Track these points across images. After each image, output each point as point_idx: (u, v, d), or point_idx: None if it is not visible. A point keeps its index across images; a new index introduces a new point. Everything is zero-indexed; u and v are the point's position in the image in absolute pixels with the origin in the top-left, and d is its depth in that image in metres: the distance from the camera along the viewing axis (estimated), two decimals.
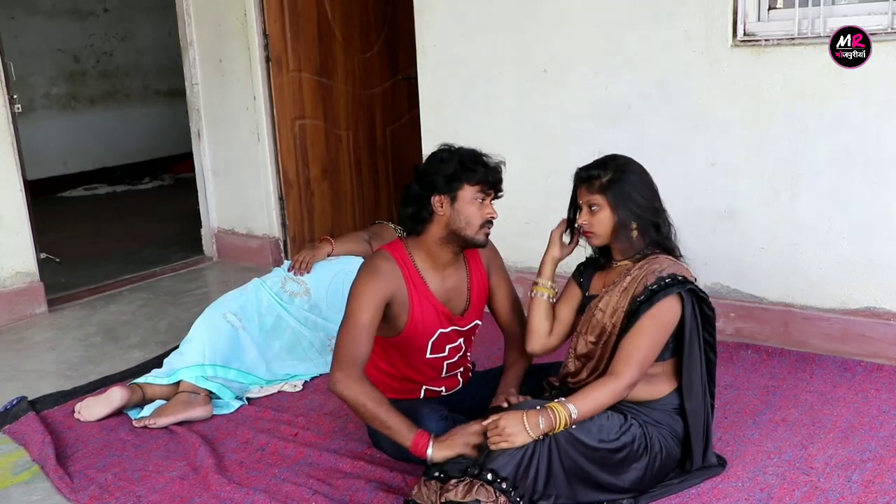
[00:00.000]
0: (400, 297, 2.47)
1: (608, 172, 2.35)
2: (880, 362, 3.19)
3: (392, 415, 2.29)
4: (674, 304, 2.27)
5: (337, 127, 5.22)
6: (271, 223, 5.11)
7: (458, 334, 2.61)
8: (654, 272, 2.29)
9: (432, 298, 2.52)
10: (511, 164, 4.02)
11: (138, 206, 7.51)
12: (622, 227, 2.34)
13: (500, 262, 2.72)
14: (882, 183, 3.16)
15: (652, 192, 2.39)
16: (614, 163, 2.38)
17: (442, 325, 2.55)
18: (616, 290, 2.35)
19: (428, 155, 2.54)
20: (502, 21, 3.90)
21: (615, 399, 2.25)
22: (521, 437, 2.13)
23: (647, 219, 2.35)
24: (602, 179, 2.34)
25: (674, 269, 2.30)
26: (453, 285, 2.58)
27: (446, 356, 2.61)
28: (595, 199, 2.35)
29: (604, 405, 2.23)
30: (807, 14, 3.20)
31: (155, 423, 2.96)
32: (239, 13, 4.85)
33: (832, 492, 2.37)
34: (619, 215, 2.33)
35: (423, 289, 2.51)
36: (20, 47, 7.26)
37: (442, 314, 2.54)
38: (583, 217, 2.40)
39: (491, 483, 2.07)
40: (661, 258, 2.34)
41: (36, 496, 2.61)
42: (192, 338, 3.18)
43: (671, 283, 2.26)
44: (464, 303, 2.61)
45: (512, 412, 2.20)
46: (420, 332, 2.52)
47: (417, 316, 2.50)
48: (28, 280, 4.38)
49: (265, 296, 3.35)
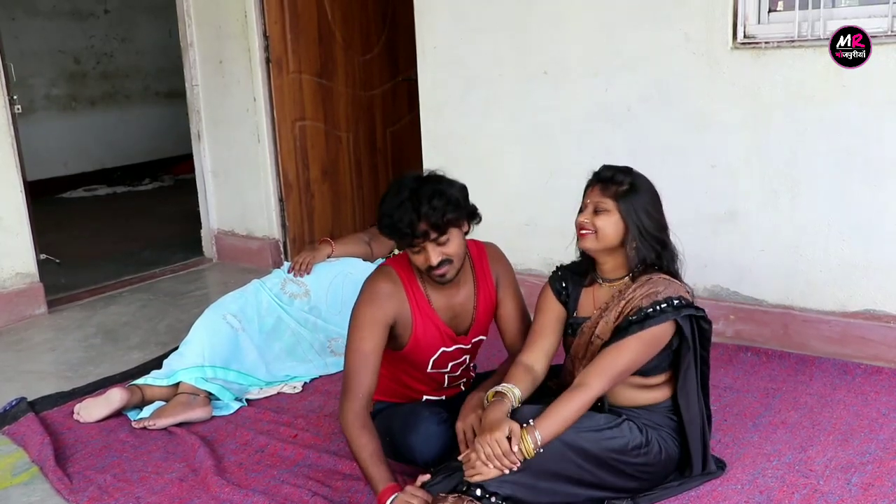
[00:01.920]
0: (403, 317, 2.42)
1: (628, 182, 2.30)
2: (880, 365, 3.19)
3: (374, 464, 2.25)
4: (666, 328, 2.23)
5: (337, 128, 5.22)
6: (271, 224, 5.11)
7: (462, 352, 2.57)
8: (650, 295, 2.24)
9: (435, 318, 2.47)
10: (511, 166, 4.06)
11: (138, 208, 7.51)
12: (626, 240, 2.28)
13: (512, 279, 2.62)
14: (882, 185, 3.16)
15: (659, 217, 2.33)
16: (635, 176, 2.33)
17: (445, 343, 2.50)
18: (612, 311, 2.29)
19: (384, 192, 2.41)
20: (502, 23, 3.90)
21: (583, 411, 2.16)
22: (493, 472, 2.07)
23: (648, 241, 2.29)
24: (621, 186, 2.29)
25: (670, 292, 2.24)
26: (460, 301, 2.52)
27: (448, 371, 2.59)
28: (606, 202, 2.29)
29: (571, 421, 2.14)
30: (807, 16, 3.20)
31: (154, 424, 2.96)
32: (239, 15, 4.85)
33: (832, 494, 2.37)
34: (628, 226, 2.28)
35: (426, 307, 2.46)
36: (21, 48, 7.27)
37: (445, 334, 2.49)
38: (584, 216, 2.33)
39: (480, 499, 2.06)
40: (655, 278, 2.28)
41: (35, 497, 2.61)
42: (192, 339, 3.18)
43: (666, 310, 2.21)
44: (469, 320, 2.54)
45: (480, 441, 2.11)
46: (422, 350, 2.48)
47: (420, 335, 2.46)
48: (28, 281, 4.38)
49: (265, 297, 3.35)
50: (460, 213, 2.32)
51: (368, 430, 2.30)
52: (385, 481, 2.22)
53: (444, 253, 2.31)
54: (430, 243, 2.29)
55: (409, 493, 2.16)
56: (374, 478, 2.24)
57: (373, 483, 2.25)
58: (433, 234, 2.28)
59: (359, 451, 2.28)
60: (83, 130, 8.35)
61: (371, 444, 2.28)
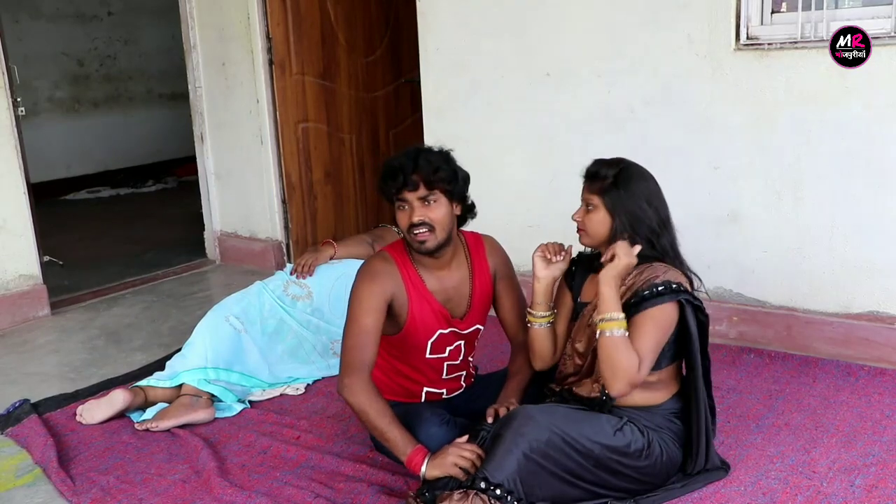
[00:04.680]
0: (399, 296, 2.48)
1: (612, 175, 2.30)
2: (883, 366, 3.19)
3: (393, 427, 2.31)
4: (671, 308, 2.24)
5: (340, 130, 5.22)
6: (274, 226, 5.11)
7: (458, 337, 2.60)
8: (648, 280, 2.25)
9: (430, 298, 2.52)
10: (513, 167, 4.06)
11: (141, 210, 7.51)
12: (616, 235, 2.29)
13: (510, 271, 2.68)
14: (885, 187, 3.15)
15: (655, 207, 2.31)
16: (621, 167, 2.32)
17: (441, 325, 2.54)
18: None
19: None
20: (505, 25, 3.90)
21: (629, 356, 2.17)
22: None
23: (643, 233, 2.28)
24: (604, 181, 2.30)
25: (668, 276, 2.25)
26: (453, 285, 2.57)
27: (447, 357, 2.61)
28: (593, 198, 2.32)
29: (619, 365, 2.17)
30: (810, 18, 3.20)
31: (157, 425, 2.96)
32: (242, 17, 4.86)
33: (835, 496, 2.36)
34: (614, 221, 2.29)
35: (422, 288, 2.51)
36: (24, 51, 7.27)
37: (440, 314, 2.54)
38: (577, 214, 2.37)
39: (484, 491, 2.07)
40: (655, 266, 2.29)
41: (38, 499, 2.61)
42: (194, 341, 3.18)
43: (663, 292, 2.22)
44: (465, 305, 2.59)
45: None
46: (420, 331, 2.52)
47: (416, 315, 2.50)
48: (31, 283, 4.39)
49: (267, 299, 3.35)
50: (454, 182, 2.42)
51: (381, 397, 2.35)
52: (413, 443, 2.28)
53: (427, 216, 2.39)
54: (417, 200, 2.38)
55: (458, 446, 2.22)
56: (399, 440, 2.29)
57: (399, 446, 2.29)
58: (421, 188, 2.36)
59: (377, 418, 2.31)
60: (86, 133, 8.36)
61: (388, 409, 2.33)
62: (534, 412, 2.22)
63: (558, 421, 2.20)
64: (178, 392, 3.10)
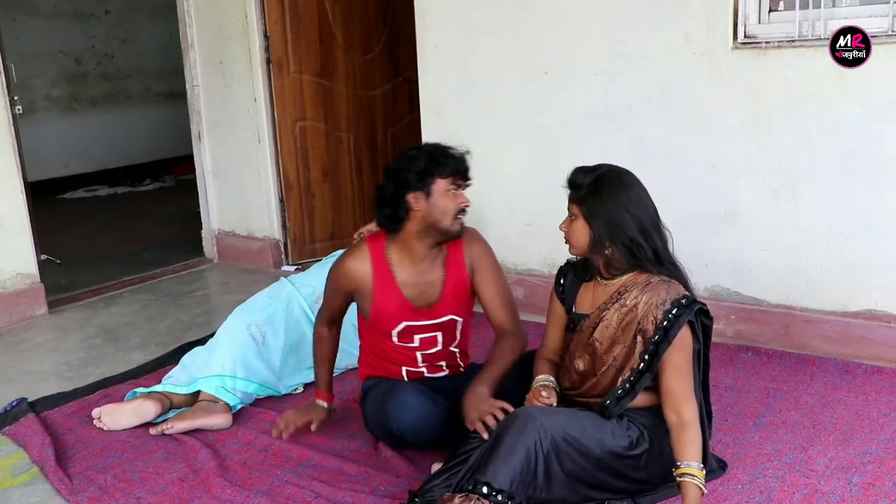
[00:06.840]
0: (364, 289, 2.62)
1: (589, 183, 2.25)
2: (880, 365, 3.19)
3: (321, 368, 2.78)
4: (687, 331, 2.23)
5: (338, 129, 5.22)
6: (272, 225, 5.11)
7: (430, 328, 2.62)
8: (657, 305, 2.21)
9: (396, 290, 2.58)
10: (511, 166, 4.06)
11: (139, 208, 7.51)
12: (596, 244, 2.26)
13: (489, 261, 2.66)
14: (882, 185, 3.16)
15: (634, 214, 2.23)
16: (598, 174, 2.26)
17: (405, 316, 2.60)
18: (612, 316, 2.28)
19: (396, 156, 2.60)
20: (503, 23, 3.90)
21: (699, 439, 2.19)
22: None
23: (622, 240, 2.24)
24: (581, 190, 2.27)
25: (673, 294, 2.22)
26: (428, 280, 2.61)
27: (417, 346, 2.65)
28: (573, 207, 2.29)
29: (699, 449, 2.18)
30: (807, 16, 3.20)
31: (171, 427, 2.92)
32: (240, 15, 4.86)
33: (832, 494, 2.37)
34: (592, 231, 2.25)
35: (389, 280, 2.59)
36: (22, 49, 7.26)
37: (404, 306, 2.59)
38: (564, 223, 2.34)
39: (486, 496, 2.06)
40: (654, 282, 2.25)
41: (36, 497, 2.61)
42: (216, 347, 3.15)
43: (678, 314, 2.19)
44: (435, 295, 2.61)
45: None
46: (383, 321, 2.62)
47: (378, 306, 2.61)
48: (28, 281, 4.38)
49: (296, 307, 3.32)
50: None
51: (327, 344, 2.78)
52: (324, 387, 2.77)
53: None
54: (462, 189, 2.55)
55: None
56: (317, 379, 2.78)
57: (316, 381, 2.79)
58: (469, 178, 2.56)
59: (315, 357, 2.79)
60: (84, 131, 8.35)
61: (326, 354, 2.78)
62: (535, 413, 2.21)
63: (560, 422, 2.19)
64: (194, 398, 3.07)
